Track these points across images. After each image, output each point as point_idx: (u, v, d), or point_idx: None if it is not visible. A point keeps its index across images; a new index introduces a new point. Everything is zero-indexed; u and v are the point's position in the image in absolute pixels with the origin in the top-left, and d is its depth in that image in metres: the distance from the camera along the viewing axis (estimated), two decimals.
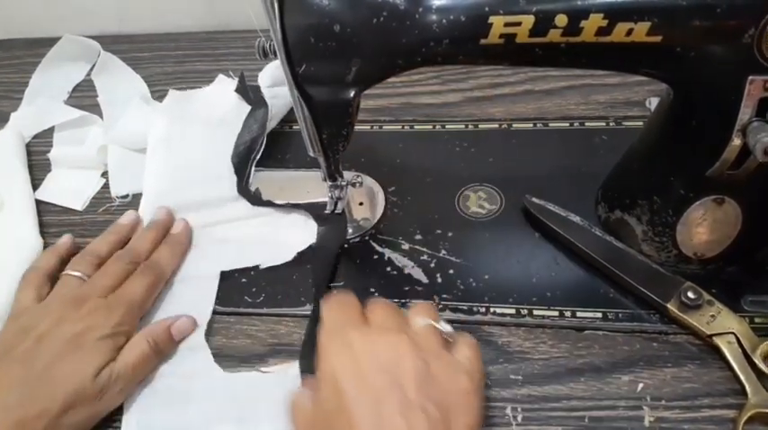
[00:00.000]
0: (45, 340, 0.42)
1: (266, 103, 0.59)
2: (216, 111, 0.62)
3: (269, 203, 0.54)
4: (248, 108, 0.60)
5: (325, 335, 0.37)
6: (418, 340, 0.36)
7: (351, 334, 0.36)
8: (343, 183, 0.51)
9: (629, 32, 0.35)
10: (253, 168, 0.57)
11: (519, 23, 0.36)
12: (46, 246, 0.54)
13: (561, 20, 0.35)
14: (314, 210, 0.53)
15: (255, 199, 0.54)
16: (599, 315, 0.44)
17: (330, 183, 0.51)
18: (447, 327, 0.38)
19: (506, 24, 0.36)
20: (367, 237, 0.52)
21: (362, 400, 0.32)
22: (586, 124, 0.57)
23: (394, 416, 0.31)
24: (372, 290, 0.48)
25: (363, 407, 0.32)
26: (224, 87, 0.64)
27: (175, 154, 0.58)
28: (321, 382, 0.35)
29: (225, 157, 0.56)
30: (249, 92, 0.62)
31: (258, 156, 0.57)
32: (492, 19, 0.36)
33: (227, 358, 0.46)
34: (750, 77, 0.35)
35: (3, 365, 0.41)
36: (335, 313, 0.39)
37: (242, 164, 0.56)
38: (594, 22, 0.35)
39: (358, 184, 0.54)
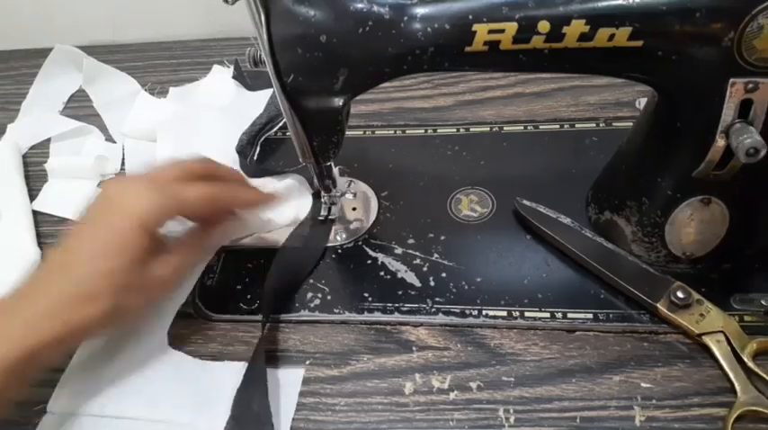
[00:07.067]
0: None
1: None
2: (218, 99, 0.65)
3: (267, 172, 0.56)
4: (247, 92, 0.65)
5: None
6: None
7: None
8: (337, 194, 0.52)
9: (611, 37, 0.35)
10: (258, 146, 0.61)
11: (502, 30, 0.36)
12: (43, 256, 0.55)
13: (544, 26, 0.36)
14: (306, 173, 0.54)
15: (256, 172, 0.56)
16: (590, 316, 0.45)
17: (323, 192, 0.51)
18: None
19: (490, 32, 0.36)
20: (360, 242, 0.52)
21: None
22: (576, 126, 0.58)
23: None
24: (366, 294, 0.48)
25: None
26: (221, 76, 0.68)
27: (183, 141, 0.60)
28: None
29: (229, 140, 0.59)
30: (246, 77, 0.66)
31: (267, 134, 0.61)
32: (476, 27, 0.36)
33: None
34: (731, 80, 0.35)
35: None
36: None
37: (250, 141, 0.60)
38: (576, 27, 0.35)
39: (351, 184, 0.54)
